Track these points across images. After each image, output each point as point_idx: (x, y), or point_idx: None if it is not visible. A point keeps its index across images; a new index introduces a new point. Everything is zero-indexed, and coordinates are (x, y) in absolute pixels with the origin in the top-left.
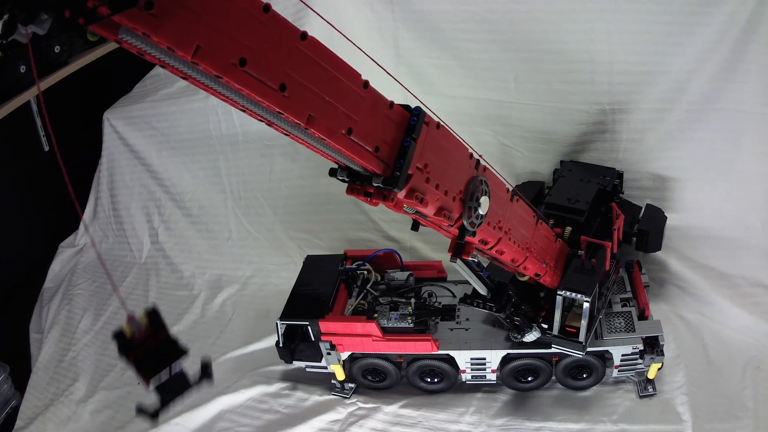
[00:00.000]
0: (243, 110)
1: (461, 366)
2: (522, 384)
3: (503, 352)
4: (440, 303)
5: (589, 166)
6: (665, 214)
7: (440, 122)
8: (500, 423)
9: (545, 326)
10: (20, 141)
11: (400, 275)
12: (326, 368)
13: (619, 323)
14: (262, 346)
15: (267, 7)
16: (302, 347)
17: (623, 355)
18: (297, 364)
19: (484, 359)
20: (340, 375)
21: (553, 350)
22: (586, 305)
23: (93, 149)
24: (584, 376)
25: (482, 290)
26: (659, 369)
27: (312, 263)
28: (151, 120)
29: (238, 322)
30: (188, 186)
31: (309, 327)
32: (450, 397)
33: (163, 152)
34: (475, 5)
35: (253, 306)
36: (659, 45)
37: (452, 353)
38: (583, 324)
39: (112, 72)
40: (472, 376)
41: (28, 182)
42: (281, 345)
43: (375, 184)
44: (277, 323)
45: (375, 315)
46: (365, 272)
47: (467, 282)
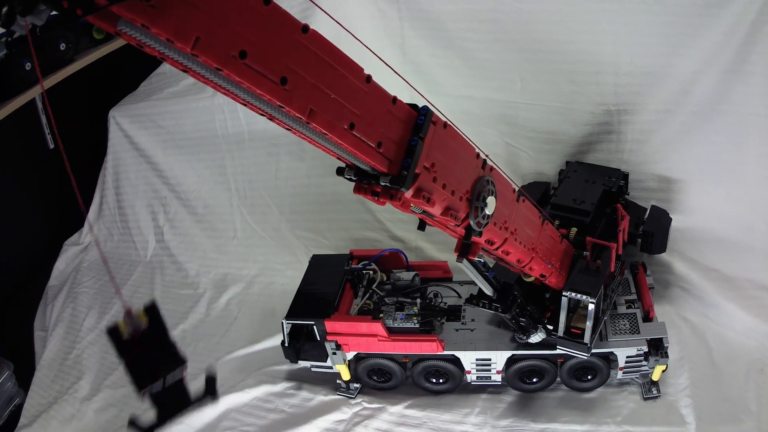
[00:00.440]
0: (244, 104)
1: (466, 367)
2: (527, 385)
3: (508, 353)
4: (446, 303)
5: (595, 167)
6: (670, 216)
7: (447, 122)
8: (505, 424)
9: (550, 327)
10: (25, 138)
11: (406, 275)
12: (331, 368)
13: (624, 325)
14: (268, 346)
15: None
16: (307, 347)
17: (628, 357)
18: (302, 364)
19: (490, 360)
20: (346, 375)
21: (559, 351)
22: (592, 306)
23: (98, 147)
24: (589, 378)
25: (488, 291)
26: (663, 371)
27: (318, 263)
28: (157, 118)
29: (244, 321)
30: (194, 184)
31: (314, 326)
32: (455, 398)
33: (169, 150)
34: (481, 5)
35: (259, 305)
36: (665, 46)
37: (457, 354)
38: (588, 325)
39: (118, 70)
40: (477, 377)
41: (33, 180)
42: (287, 344)
43: (382, 183)
44: (283, 322)
45: (381, 315)
46: (371, 272)
47: (473, 282)
